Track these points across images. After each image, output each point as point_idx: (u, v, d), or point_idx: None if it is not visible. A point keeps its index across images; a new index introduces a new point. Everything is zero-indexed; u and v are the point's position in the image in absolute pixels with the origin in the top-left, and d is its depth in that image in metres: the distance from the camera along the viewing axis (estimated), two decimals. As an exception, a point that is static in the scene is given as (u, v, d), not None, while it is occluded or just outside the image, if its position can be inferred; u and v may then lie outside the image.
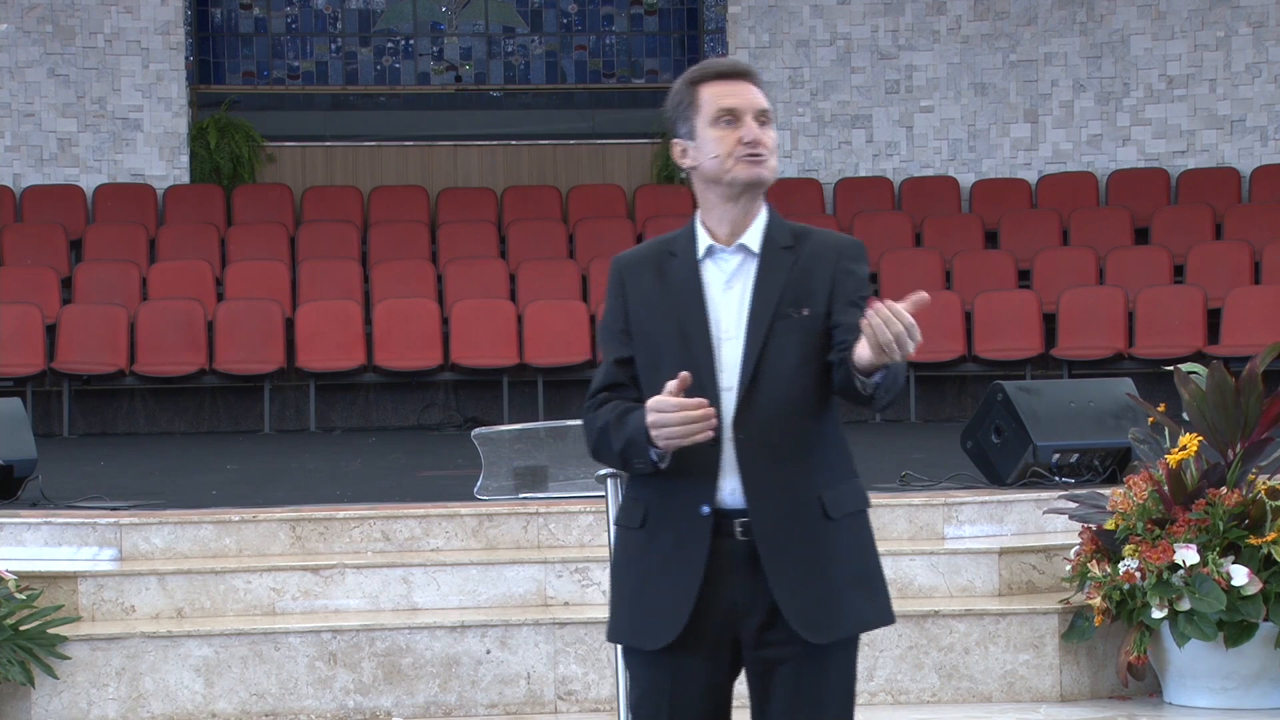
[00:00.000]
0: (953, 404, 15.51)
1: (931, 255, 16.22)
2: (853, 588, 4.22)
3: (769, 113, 4.25)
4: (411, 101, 18.04)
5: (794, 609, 4.14)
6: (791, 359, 4.18)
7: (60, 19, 16.97)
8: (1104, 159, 17.17)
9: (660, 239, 4.36)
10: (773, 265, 4.23)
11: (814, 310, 4.20)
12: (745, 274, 4.24)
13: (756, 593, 4.16)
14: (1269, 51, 16.87)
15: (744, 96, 4.24)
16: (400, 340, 15.33)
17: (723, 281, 4.24)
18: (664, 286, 4.26)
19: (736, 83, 4.25)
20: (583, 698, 7.63)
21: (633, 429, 4.15)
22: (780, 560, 4.15)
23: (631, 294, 4.29)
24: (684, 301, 4.23)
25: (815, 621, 4.15)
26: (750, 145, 4.19)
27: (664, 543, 4.20)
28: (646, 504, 4.24)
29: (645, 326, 4.26)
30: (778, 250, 4.24)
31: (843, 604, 4.19)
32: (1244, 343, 14.27)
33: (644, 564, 4.24)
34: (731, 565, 4.17)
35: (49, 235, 16.41)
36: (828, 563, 4.18)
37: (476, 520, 8.26)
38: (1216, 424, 7.59)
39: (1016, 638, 7.75)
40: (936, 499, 8.49)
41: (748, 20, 17.46)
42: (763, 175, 4.22)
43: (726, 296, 4.23)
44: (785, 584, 4.14)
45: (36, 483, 8.95)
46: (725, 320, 4.22)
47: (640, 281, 4.29)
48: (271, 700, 7.56)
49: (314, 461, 12.30)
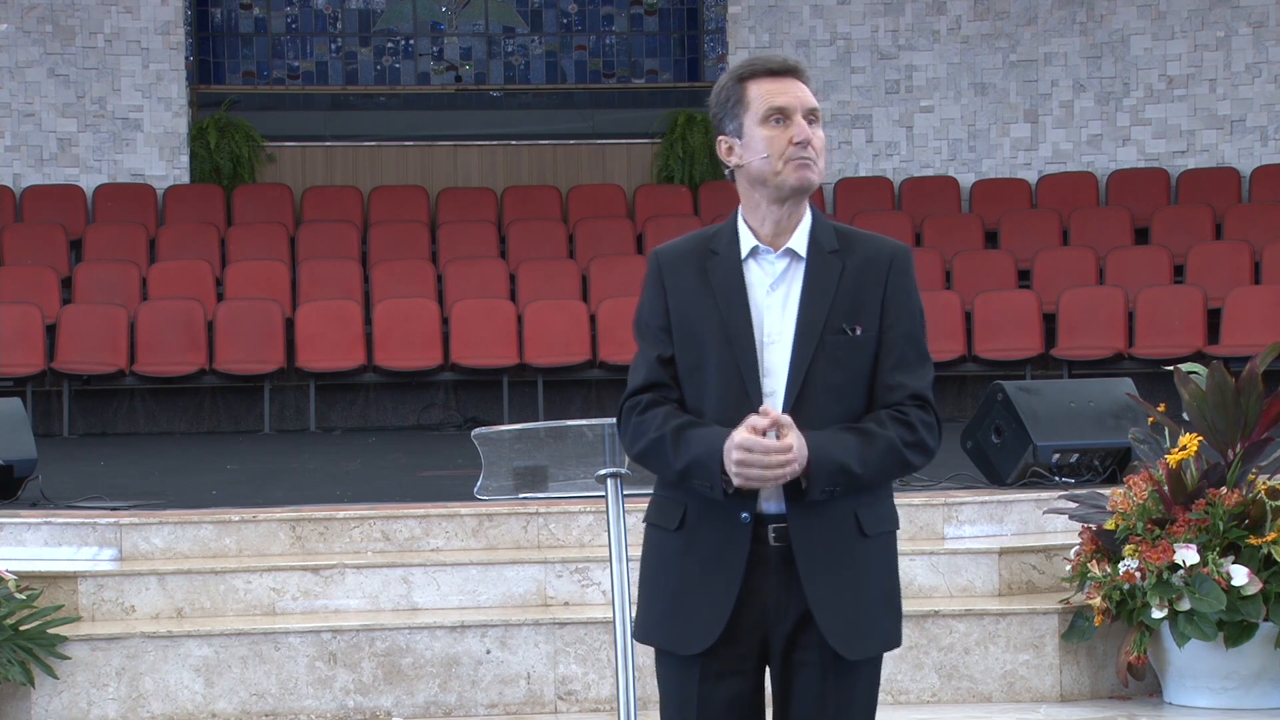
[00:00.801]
0: (953, 404, 15.50)
1: (931, 255, 16.22)
2: (880, 606, 4.20)
3: (818, 111, 4.18)
4: (411, 101, 18.04)
5: (829, 623, 4.11)
6: (841, 374, 4.13)
7: (60, 19, 16.97)
8: (1104, 159, 17.17)
9: (701, 234, 4.28)
10: (820, 271, 4.16)
11: (867, 329, 4.15)
12: (791, 278, 4.18)
13: (790, 599, 4.13)
14: (1269, 51, 16.86)
15: (795, 94, 4.16)
16: (400, 340, 15.33)
17: (767, 284, 4.18)
18: (706, 286, 4.18)
19: (787, 80, 4.17)
20: (583, 698, 7.63)
21: (703, 453, 4.07)
22: (816, 571, 4.12)
23: (672, 290, 4.22)
24: (728, 303, 4.16)
25: (849, 637, 4.13)
26: (801, 146, 4.12)
27: (704, 547, 4.15)
28: (685, 505, 4.19)
29: (688, 326, 4.19)
30: (825, 254, 4.18)
31: (873, 622, 4.18)
32: (1244, 343, 14.27)
33: (681, 567, 4.19)
34: (766, 570, 4.13)
35: (49, 235, 16.41)
36: (861, 579, 4.16)
37: (476, 520, 8.26)
38: (1216, 424, 7.59)
39: (1016, 638, 7.75)
40: (936, 499, 8.49)
41: (748, 20, 17.46)
42: (812, 180, 4.16)
43: (771, 299, 4.17)
44: (821, 596, 4.11)
45: (36, 483, 8.95)
46: (770, 324, 4.16)
47: (681, 279, 4.21)
48: (271, 700, 7.56)
49: (314, 461, 12.29)
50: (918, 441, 4.15)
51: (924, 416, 4.17)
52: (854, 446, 4.09)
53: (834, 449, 4.07)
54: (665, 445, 4.14)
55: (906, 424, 4.14)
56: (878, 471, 4.12)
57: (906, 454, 4.14)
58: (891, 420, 4.13)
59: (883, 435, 4.11)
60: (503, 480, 8.67)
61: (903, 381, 4.16)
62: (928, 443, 4.17)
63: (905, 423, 4.14)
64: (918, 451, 4.16)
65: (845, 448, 4.08)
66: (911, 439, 4.14)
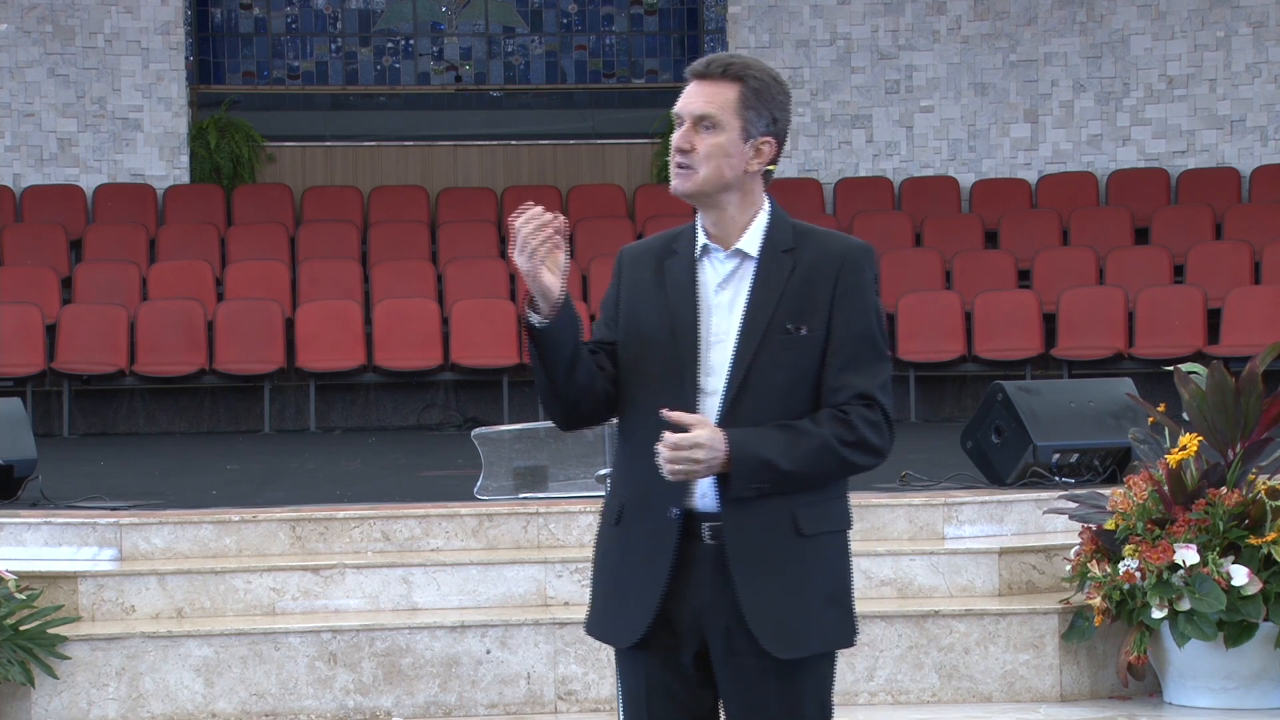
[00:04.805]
0: (953, 404, 15.50)
1: (931, 255, 16.22)
2: (823, 606, 4.16)
3: (714, 118, 4.13)
4: (411, 101, 18.04)
5: (759, 623, 4.10)
6: (784, 374, 4.12)
7: (60, 19, 16.97)
8: (1104, 159, 17.17)
9: (669, 233, 4.31)
10: (771, 270, 4.16)
11: (814, 330, 4.14)
12: (741, 277, 4.18)
13: (723, 597, 4.12)
14: (1269, 51, 16.86)
15: (688, 100, 4.17)
16: (400, 340, 15.33)
17: (716, 283, 4.19)
18: (661, 283, 4.21)
19: (697, 83, 4.18)
20: (583, 698, 7.63)
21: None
22: (749, 570, 4.11)
23: (626, 284, 4.26)
24: (678, 300, 4.18)
25: (782, 637, 4.11)
26: (676, 153, 4.14)
27: (636, 542, 4.18)
28: (623, 500, 4.22)
29: (635, 321, 4.22)
30: (778, 254, 4.18)
31: (811, 622, 4.14)
32: (1244, 343, 14.27)
33: (616, 561, 4.23)
34: (700, 568, 4.13)
35: (49, 235, 16.41)
36: (798, 579, 4.13)
37: (476, 520, 8.26)
38: (1216, 424, 7.59)
39: (1016, 638, 7.75)
40: (936, 499, 8.49)
41: (748, 20, 17.46)
42: (679, 187, 4.16)
43: (720, 298, 4.18)
44: (753, 596, 4.10)
45: (36, 483, 8.95)
46: (717, 323, 4.17)
47: (638, 275, 4.26)
48: (271, 700, 7.56)
49: (314, 461, 12.29)
50: (859, 441, 4.11)
51: (869, 415, 4.13)
52: (782, 443, 4.07)
53: (759, 445, 4.05)
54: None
55: (846, 423, 4.10)
56: (809, 469, 4.09)
57: (845, 453, 4.10)
58: (830, 419, 4.11)
59: (816, 433, 4.09)
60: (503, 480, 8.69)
61: (849, 381, 4.13)
62: (871, 441, 4.13)
63: (845, 422, 4.10)
64: (859, 451, 4.12)
65: (772, 444, 4.06)
66: (851, 438, 4.10)
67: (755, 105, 4.15)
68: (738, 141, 4.14)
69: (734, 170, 4.15)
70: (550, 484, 8.58)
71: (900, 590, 7.97)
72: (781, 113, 4.19)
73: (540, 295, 4.08)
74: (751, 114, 4.15)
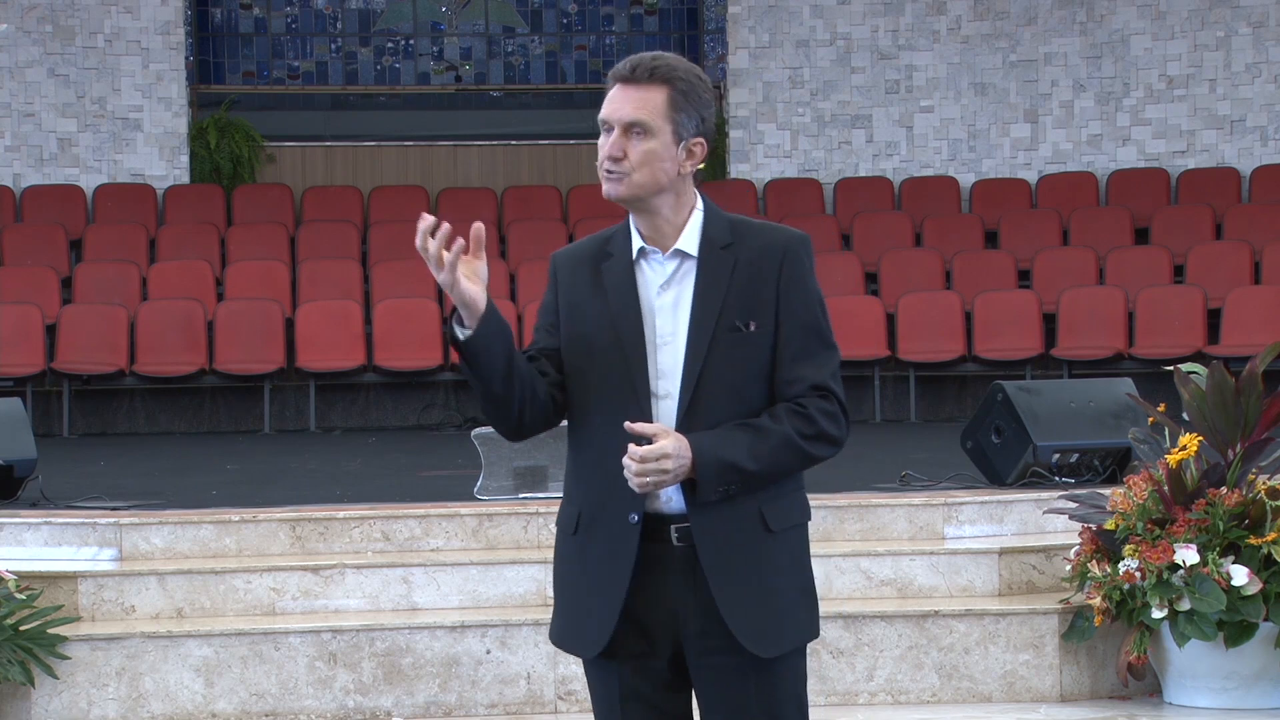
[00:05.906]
0: (953, 404, 15.50)
1: (931, 255, 16.22)
2: (795, 601, 4.17)
3: (646, 124, 4.08)
4: (411, 101, 18.04)
5: (739, 623, 4.09)
6: (738, 372, 4.11)
7: (60, 19, 16.97)
8: (1104, 159, 17.17)
9: (599, 235, 4.26)
10: (713, 269, 4.12)
11: (762, 324, 4.12)
12: (683, 278, 4.14)
13: (696, 599, 4.11)
14: (1269, 51, 16.87)
15: (616, 106, 4.11)
16: (400, 340, 15.33)
17: (659, 284, 4.15)
18: (599, 287, 4.16)
19: (621, 88, 4.11)
20: (583, 698, 7.63)
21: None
22: (722, 571, 4.10)
23: (564, 290, 4.21)
24: (619, 304, 4.13)
25: (761, 636, 4.11)
26: (606, 160, 4.09)
27: (596, 551, 4.15)
28: (580, 508, 4.18)
29: (577, 327, 4.17)
30: (717, 251, 4.14)
31: (786, 618, 4.15)
32: (1244, 343, 14.27)
33: (576, 570, 4.19)
34: (669, 572, 4.12)
35: (49, 235, 16.41)
36: (770, 576, 4.13)
37: (476, 520, 8.26)
38: (1216, 424, 7.59)
39: (1016, 638, 7.75)
40: (936, 499, 8.49)
41: (748, 20, 17.46)
42: (611, 193, 4.11)
43: (663, 300, 4.14)
44: (729, 597, 4.09)
45: (36, 483, 8.95)
46: (662, 325, 4.13)
47: (575, 277, 4.20)
48: (271, 700, 7.56)
49: (314, 461, 12.29)
50: (818, 434, 4.11)
51: (825, 406, 4.13)
52: (745, 443, 4.06)
53: (722, 448, 4.04)
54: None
55: (804, 417, 4.10)
56: (774, 467, 4.09)
57: (806, 447, 4.10)
58: (788, 414, 4.10)
59: (776, 430, 4.08)
60: (503, 480, 8.69)
61: (802, 374, 4.12)
62: (830, 433, 4.13)
63: (803, 415, 4.10)
64: (819, 443, 4.12)
65: (735, 445, 4.05)
66: (810, 431, 4.10)
67: (685, 107, 4.11)
68: (670, 145, 4.10)
69: (668, 174, 4.11)
70: (550, 484, 8.58)
71: (900, 590, 7.97)
72: (709, 111, 4.15)
73: (463, 306, 4.01)
74: (682, 116, 4.10)
